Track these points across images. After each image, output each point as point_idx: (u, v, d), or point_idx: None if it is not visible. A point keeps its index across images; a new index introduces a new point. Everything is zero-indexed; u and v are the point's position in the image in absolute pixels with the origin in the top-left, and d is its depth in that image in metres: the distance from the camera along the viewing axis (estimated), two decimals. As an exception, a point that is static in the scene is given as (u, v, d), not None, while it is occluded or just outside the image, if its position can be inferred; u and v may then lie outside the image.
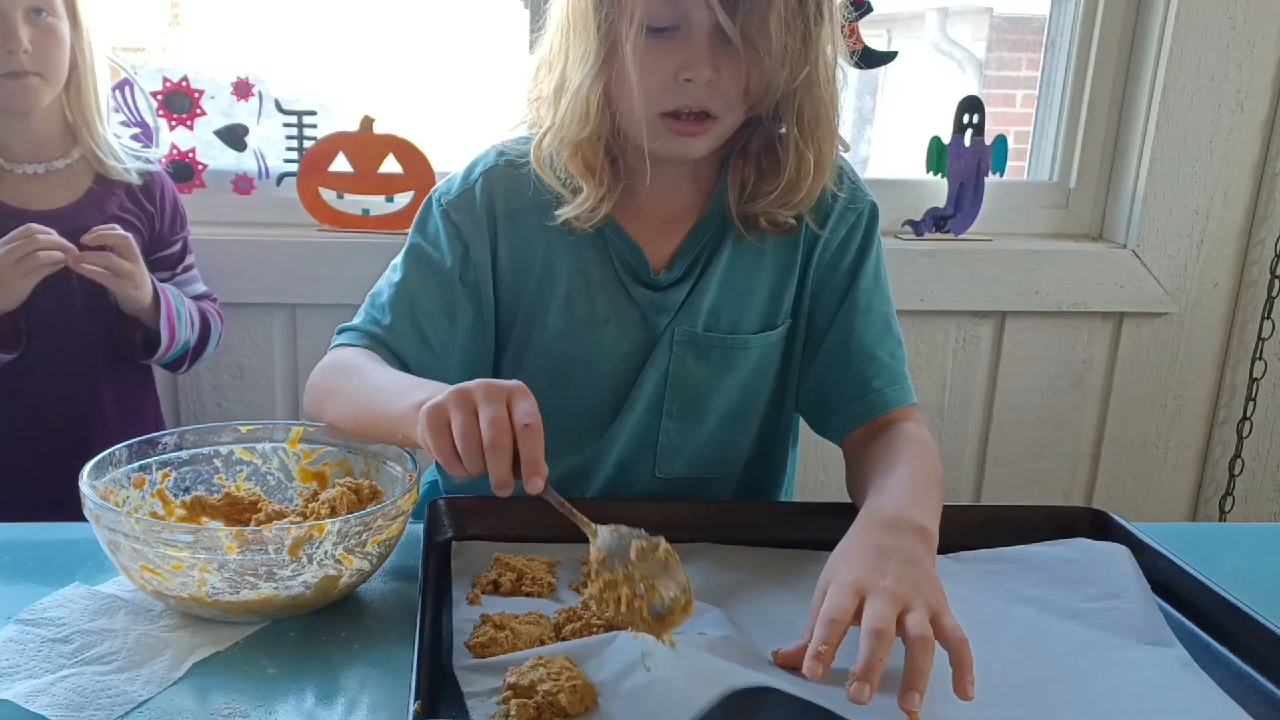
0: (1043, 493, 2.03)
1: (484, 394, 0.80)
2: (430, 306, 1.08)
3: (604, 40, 0.97)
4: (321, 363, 1.08)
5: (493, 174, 1.10)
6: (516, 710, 0.70)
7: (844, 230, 1.11)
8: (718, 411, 1.14)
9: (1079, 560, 0.96)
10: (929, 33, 2.54)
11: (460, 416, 0.80)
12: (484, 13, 1.93)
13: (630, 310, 1.10)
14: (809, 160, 1.03)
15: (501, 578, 0.89)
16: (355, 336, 1.07)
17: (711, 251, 1.10)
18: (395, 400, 0.90)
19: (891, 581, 0.77)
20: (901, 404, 1.09)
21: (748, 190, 1.07)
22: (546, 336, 1.10)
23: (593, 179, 1.03)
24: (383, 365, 1.03)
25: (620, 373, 1.11)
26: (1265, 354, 1.99)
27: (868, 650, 0.72)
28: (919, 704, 0.70)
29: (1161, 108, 1.86)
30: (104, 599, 0.86)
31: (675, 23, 0.96)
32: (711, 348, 1.11)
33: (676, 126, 0.99)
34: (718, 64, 0.96)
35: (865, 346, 1.10)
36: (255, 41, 1.88)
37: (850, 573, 0.79)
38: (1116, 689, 0.79)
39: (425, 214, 1.12)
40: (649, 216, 1.09)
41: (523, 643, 0.79)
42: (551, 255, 1.09)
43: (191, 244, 1.61)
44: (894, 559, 0.80)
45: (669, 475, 1.15)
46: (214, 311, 1.60)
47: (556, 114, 1.02)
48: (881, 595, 0.76)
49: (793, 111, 1.01)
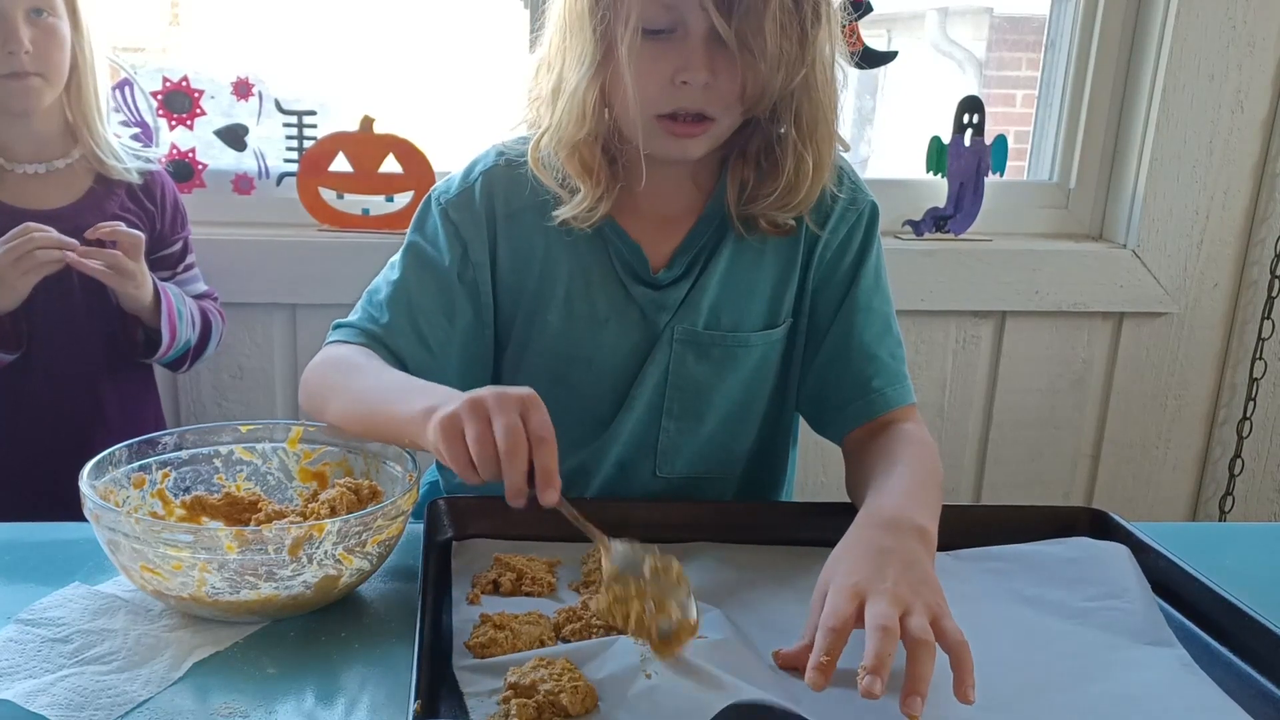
0: (1043, 493, 2.03)
1: (497, 403, 0.81)
2: (428, 306, 1.07)
3: (600, 42, 0.98)
4: (317, 358, 1.07)
5: (492, 174, 1.10)
6: (517, 710, 0.70)
7: (844, 230, 1.11)
8: (719, 411, 1.14)
9: (1079, 559, 0.96)
10: (929, 33, 2.54)
11: (475, 425, 0.80)
12: (484, 13, 1.93)
13: (630, 309, 1.10)
14: (808, 162, 1.03)
15: (501, 578, 0.89)
16: (352, 334, 1.07)
17: (711, 250, 1.10)
18: (400, 404, 0.91)
19: (891, 584, 0.77)
20: (901, 404, 1.09)
21: (747, 191, 1.07)
22: (547, 336, 1.10)
23: (590, 179, 1.03)
24: (383, 365, 1.03)
25: (621, 372, 1.11)
26: (1265, 354, 1.99)
27: (876, 644, 0.71)
28: (921, 708, 0.70)
29: (1161, 108, 1.86)
30: (104, 599, 0.86)
31: (671, 25, 0.96)
32: (713, 346, 1.11)
33: (673, 128, 0.99)
34: (714, 67, 0.96)
35: (865, 346, 1.10)
36: (255, 41, 1.88)
37: (850, 575, 0.79)
38: (1117, 690, 0.79)
39: (424, 213, 1.12)
40: (648, 216, 1.09)
41: (522, 643, 0.79)
42: (551, 255, 1.09)
43: (192, 243, 1.61)
44: (894, 561, 0.80)
45: (669, 475, 1.15)
46: (215, 311, 1.60)
47: (554, 115, 1.03)
48: (883, 596, 0.76)
49: (791, 113, 1.02)
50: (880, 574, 0.78)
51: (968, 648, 0.74)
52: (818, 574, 0.83)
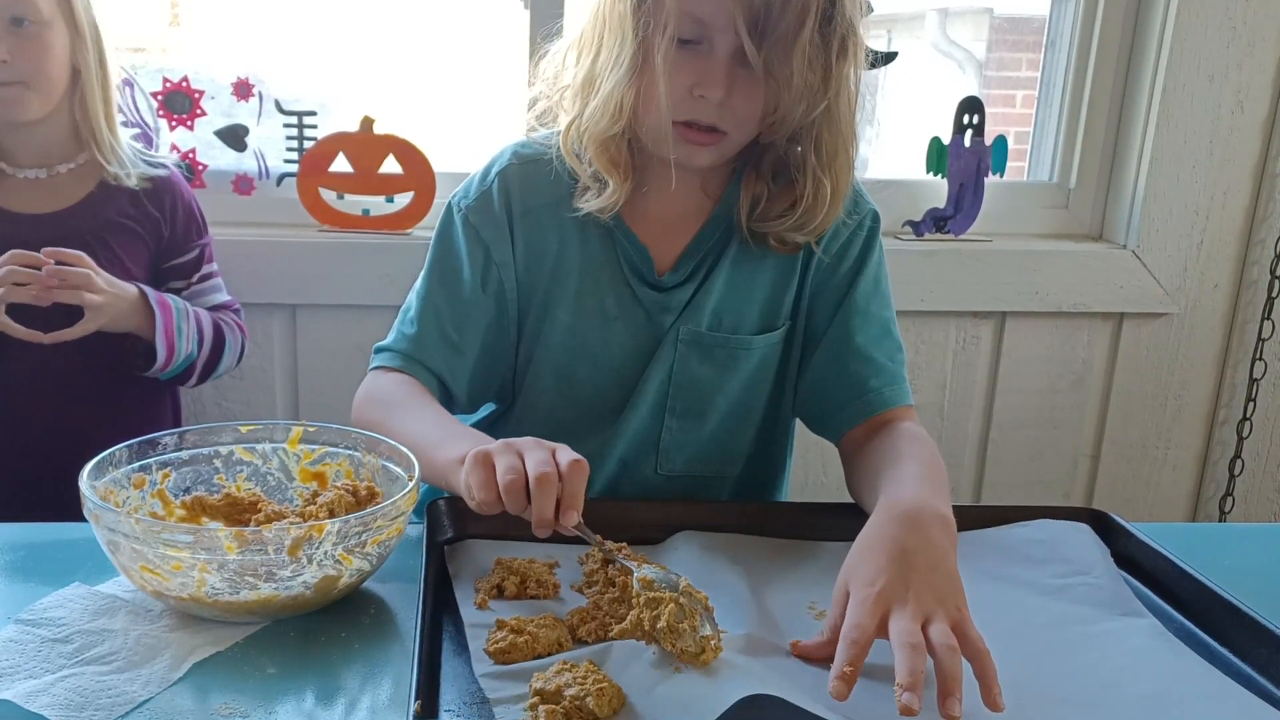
0: (1043, 493, 2.03)
1: (532, 443, 0.85)
2: (455, 314, 1.11)
3: (640, 46, 0.99)
4: (362, 391, 1.11)
5: (508, 173, 1.12)
6: (546, 716, 0.70)
7: (845, 235, 1.12)
8: (720, 410, 1.15)
9: (1044, 540, 0.99)
10: (929, 33, 2.54)
11: (507, 458, 0.83)
12: (484, 13, 1.93)
13: (636, 310, 1.11)
14: (826, 188, 1.05)
15: (505, 581, 0.89)
16: (390, 358, 1.11)
17: (716, 255, 1.11)
18: (438, 450, 0.94)
19: (914, 593, 0.78)
20: (899, 404, 1.09)
21: (759, 208, 1.08)
22: (557, 331, 1.12)
23: (618, 173, 1.06)
24: (423, 403, 1.05)
25: (626, 370, 1.13)
26: (1265, 354, 1.99)
27: (907, 662, 0.72)
28: (960, 708, 0.71)
29: (1161, 108, 1.86)
30: (104, 599, 0.86)
31: (700, 38, 0.98)
32: (715, 348, 1.12)
33: (687, 135, 1.02)
34: (733, 85, 0.99)
35: (861, 349, 1.10)
36: (255, 42, 1.88)
37: (872, 582, 0.79)
38: (1106, 659, 0.81)
39: (447, 222, 1.14)
40: (657, 219, 1.11)
41: (542, 646, 0.79)
42: (564, 252, 1.11)
43: (213, 253, 1.57)
44: (917, 564, 0.81)
45: (670, 472, 1.16)
46: (232, 323, 1.55)
47: (586, 108, 1.04)
48: (905, 611, 0.76)
49: (811, 141, 1.03)
50: (903, 579, 0.79)
51: (990, 657, 0.75)
52: (823, 565, 0.83)
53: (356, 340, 1.77)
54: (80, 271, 1.34)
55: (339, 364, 1.80)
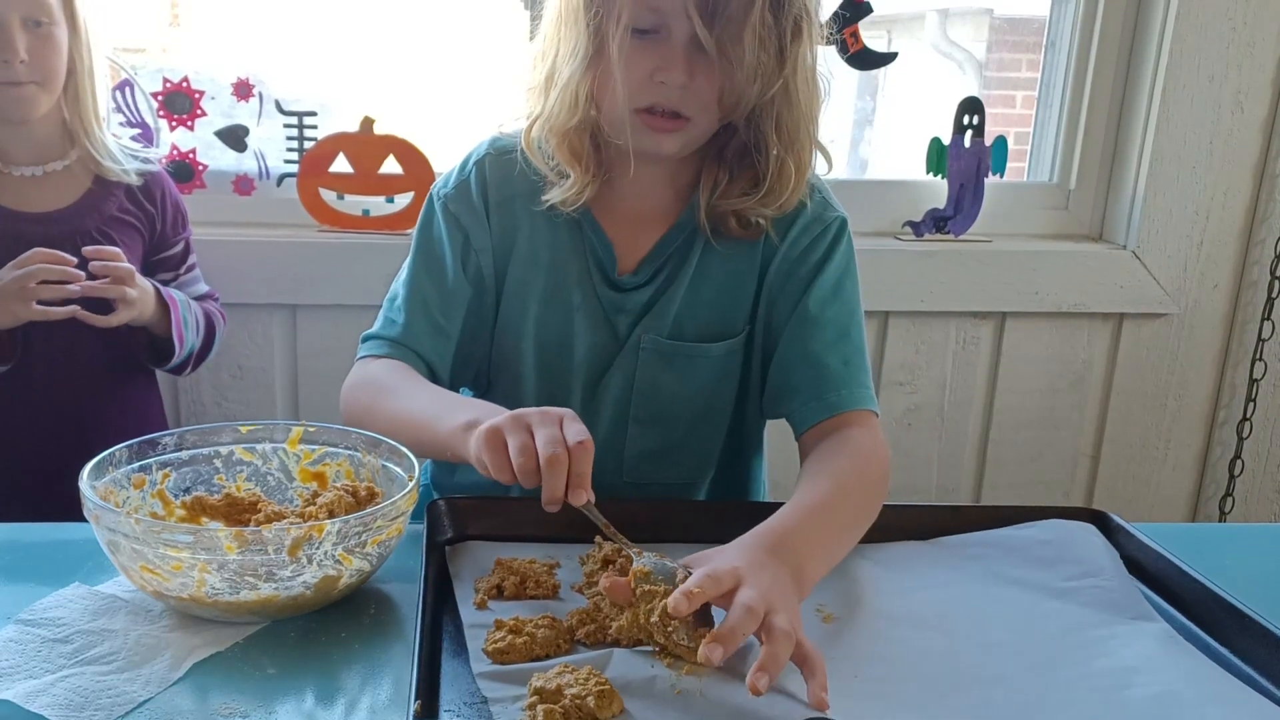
0: (1043, 493, 2.03)
1: (539, 417, 0.86)
2: (441, 300, 1.13)
3: (593, 37, 1.01)
4: (351, 379, 1.12)
5: (484, 163, 1.14)
6: (544, 716, 0.70)
7: (806, 242, 1.12)
8: (683, 419, 1.16)
9: (1053, 541, 0.98)
10: (929, 34, 2.54)
11: (517, 436, 0.84)
12: (484, 13, 1.93)
13: (595, 307, 1.13)
14: (789, 166, 1.07)
15: (505, 582, 0.89)
16: (378, 345, 1.12)
17: (680, 260, 1.12)
18: (440, 421, 0.95)
19: (766, 585, 0.77)
20: (847, 409, 1.06)
21: (719, 189, 1.09)
22: (528, 321, 1.14)
23: (579, 165, 1.07)
24: (414, 381, 1.07)
25: (590, 367, 1.14)
26: (1265, 354, 1.99)
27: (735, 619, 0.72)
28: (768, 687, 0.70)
29: (1161, 108, 1.86)
30: (104, 599, 0.86)
31: (657, 27, 1.00)
32: (676, 355, 1.13)
33: (651, 122, 1.03)
34: (692, 70, 1.00)
35: (814, 355, 1.09)
36: (255, 42, 1.88)
37: (729, 562, 0.79)
38: (1117, 664, 0.81)
39: (428, 211, 1.16)
40: (625, 214, 1.12)
41: (540, 647, 0.79)
42: (535, 242, 1.13)
43: (193, 244, 1.61)
44: (767, 573, 0.79)
45: (637, 480, 1.16)
46: (217, 312, 1.60)
47: (546, 103, 1.07)
48: (754, 588, 0.76)
49: (771, 120, 1.05)
50: (756, 575, 0.78)
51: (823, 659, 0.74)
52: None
53: (356, 340, 1.76)
54: (125, 267, 1.39)
55: (339, 364, 1.78)
